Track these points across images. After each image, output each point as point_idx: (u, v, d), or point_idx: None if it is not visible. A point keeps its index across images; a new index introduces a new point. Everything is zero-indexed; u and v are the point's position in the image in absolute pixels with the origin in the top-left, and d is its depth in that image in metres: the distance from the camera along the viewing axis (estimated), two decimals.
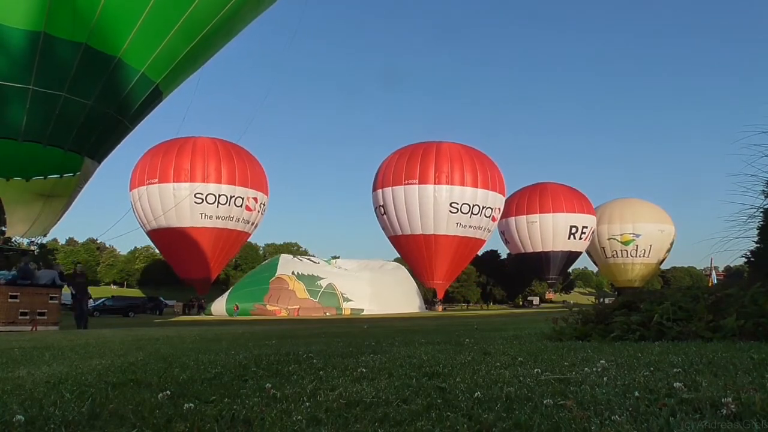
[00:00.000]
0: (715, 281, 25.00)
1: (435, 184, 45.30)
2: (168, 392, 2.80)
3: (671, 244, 64.05)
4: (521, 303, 79.39)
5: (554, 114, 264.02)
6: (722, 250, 5.82)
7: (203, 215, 43.28)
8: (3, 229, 18.07)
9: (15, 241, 17.48)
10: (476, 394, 2.54)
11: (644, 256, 61.93)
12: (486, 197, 46.96)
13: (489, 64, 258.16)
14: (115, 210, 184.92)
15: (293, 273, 35.82)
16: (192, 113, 47.44)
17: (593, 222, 59.25)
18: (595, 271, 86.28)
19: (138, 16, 13.50)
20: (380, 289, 36.09)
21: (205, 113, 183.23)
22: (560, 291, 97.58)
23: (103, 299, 44.48)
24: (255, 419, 2.24)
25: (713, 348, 4.06)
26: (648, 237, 61.14)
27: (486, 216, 47.43)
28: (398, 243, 49.33)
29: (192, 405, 2.46)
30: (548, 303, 72.26)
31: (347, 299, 34.99)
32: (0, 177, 14.69)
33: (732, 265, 13.29)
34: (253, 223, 47.77)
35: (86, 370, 4.11)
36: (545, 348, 4.77)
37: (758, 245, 6.09)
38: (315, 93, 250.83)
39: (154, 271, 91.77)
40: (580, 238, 57.72)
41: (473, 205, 46.09)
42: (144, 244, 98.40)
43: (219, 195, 43.56)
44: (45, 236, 17.74)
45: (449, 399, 2.52)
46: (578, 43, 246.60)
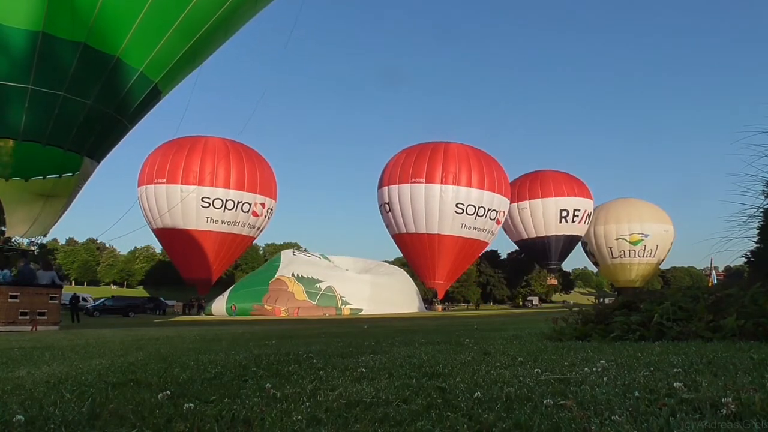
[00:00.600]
0: (715, 281, 25.01)
1: (442, 184, 45.10)
2: (168, 392, 2.80)
3: (671, 244, 64.14)
4: (521, 303, 79.44)
5: (554, 114, 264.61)
6: (722, 250, 5.83)
7: (209, 219, 43.18)
8: (3, 229, 18.06)
9: (15, 241, 17.44)
10: (476, 394, 2.54)
11: (650, 256, 61.83)
12: (492, 200, 46.83)
13: (489, 64, 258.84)
14: (115, 210, 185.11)
15: (293, 275, 35.72)
16: (191, 112, 47.37)
17: (588, 205, 58.76)
18: (595, 271, 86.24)
19: (136, 16, 13.51)
20: (379, 292, 36.00)
21: (204, 112, 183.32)
22: (560, 291, 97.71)
23: (103, 299, 44.50)
24: (255, 419, 2.24)
25: (713, 348, 4.05)
26: (655, 237, 61.13)
27: (491, 218, 47.32)
28: (402, 241, 49.14)
29: (192, 405, 2.46)
30: (548, 303, 72.29)
31: (346, 302, 34.91)
32: None
33: (732, 265, 13.31)
34: (259, 228, 47.59)
35: (86, 370, 4.11)
36: (545, 348, 4.77)
37: (758, 245, 6.09)
38: (315, 93, 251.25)
39: (154, 271, 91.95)
40: (573, 221, 57.34)
41: (479, 207, 45.97)
42: (144, 244, 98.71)
43: (226, 200, 43.37)
44: (45, 236, 17.74)
45: (449, 399, 2.52)
46: (578, 43, 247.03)
